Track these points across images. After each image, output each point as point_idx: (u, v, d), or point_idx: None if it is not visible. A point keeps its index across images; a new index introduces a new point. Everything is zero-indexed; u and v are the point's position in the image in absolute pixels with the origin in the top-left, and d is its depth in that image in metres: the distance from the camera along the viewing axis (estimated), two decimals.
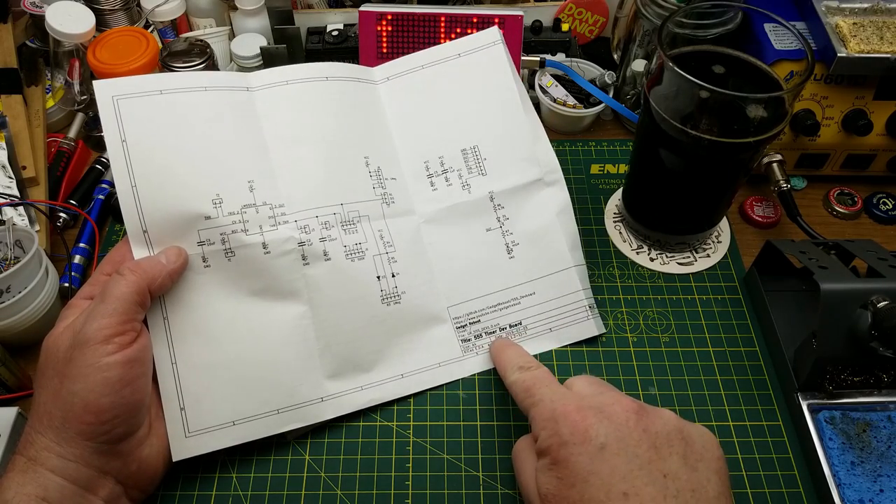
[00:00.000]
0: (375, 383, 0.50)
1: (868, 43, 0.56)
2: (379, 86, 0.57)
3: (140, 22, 0.73)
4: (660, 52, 0.47)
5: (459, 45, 0.57)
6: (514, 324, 0.53)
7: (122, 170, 0.47)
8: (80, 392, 0.39)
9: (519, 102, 0.55)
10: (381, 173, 0.53)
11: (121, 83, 0.48)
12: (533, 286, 0.54)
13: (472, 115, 0.55)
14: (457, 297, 0.53)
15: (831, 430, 0.47)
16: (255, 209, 0.48)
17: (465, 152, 0.55)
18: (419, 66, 0.57)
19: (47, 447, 0.39)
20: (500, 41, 0.56)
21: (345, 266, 0.50)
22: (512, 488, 0.47)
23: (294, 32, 0.68)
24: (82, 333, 0.40)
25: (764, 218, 0.62)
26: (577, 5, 0.73)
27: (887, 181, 0.65)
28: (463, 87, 0.56)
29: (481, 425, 0.50)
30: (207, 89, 0.50)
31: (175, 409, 0.45)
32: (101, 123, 0.47)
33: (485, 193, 0.54)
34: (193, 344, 0.46)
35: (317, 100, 0.53)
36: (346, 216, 0.51)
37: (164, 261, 0.45)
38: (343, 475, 0.47)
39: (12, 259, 0.54)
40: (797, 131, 0.60)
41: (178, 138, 0.48)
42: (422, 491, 0.47)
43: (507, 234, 0.54)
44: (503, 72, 0.55)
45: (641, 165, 0.57)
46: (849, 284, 0.46)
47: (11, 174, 0.60)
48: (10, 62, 0.68)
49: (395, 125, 0.56)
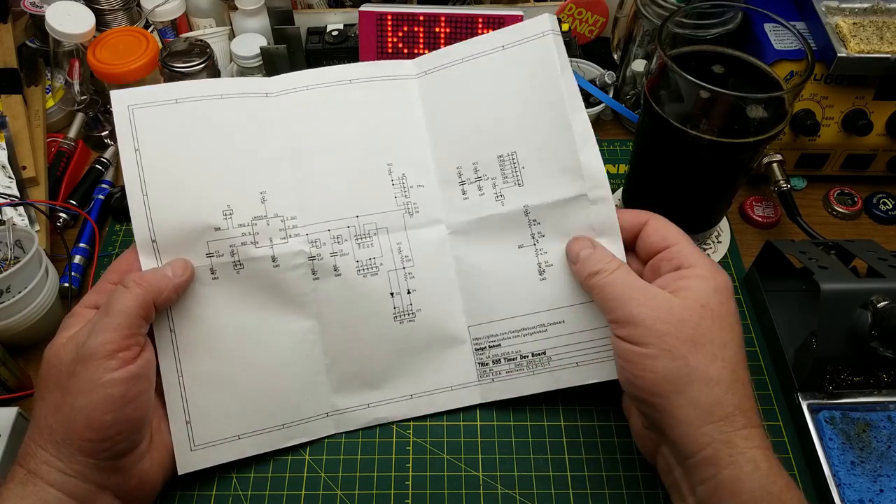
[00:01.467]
0: (384, 402, 0.49)
1: (868, 43, 0.56)
2: (413, 81, 0.52)
3: (140, 22, 0.73)
4: (660, 52, 0.47)
5: (504, 35, 0.50)
6: (537, 352, 0.49)
7: (134, 179, 0.46)
8: (82, 408, 0.39)
9: (566, 104, 0.48)
10: (404, 181, 0.50)
11: (137, 93, 0.48)
12: (563, 314, 0.48)
13: (513, 117, 0.49)
14: (479, 316, 0.50)
15: (831, 430, 0.47)
16: (266, 221, 0.47)
17: (501, 159, 0.49)
18: (458, 60, 0.51)
19: (47, 461, 0.39)
20: (550, 31, 0.49)
21: (356, 282, 0.49)
22: (512, 488, 0.47)
23: (294, 32, 0.68)
24: (86, 347, 0.39)
25: (764, 218, 0.62)
26: (577, 5, 0.73)
27: (887, 181, 0.65)
28: (505, 84, 0.50)
29: (481, 425, 0.50)
30: (223, 97, 0.49)
31: (181, 423, 0.45)
32: (116, 132, 0.47)
33: (519, 207, 0.49)
34: (200, 357, 0.46)
35: (337, 106, 0.51)
36: (362, 229, 0.49)
37: (171, 274, 0.44)
38: (343, 475, 0.47)
39: (12, 259, 0.54)
40: (797, 131, 0.60)
41: (192, 148, 0.47)
42: (422, 491, 0.47)
43: (541, 252, 0.49)
44: (551, 68, 0.48)
45: (641, 165, 0.57)
46: (849, 284, 0.46)
47: (11, 174, 0.60)
48: (10, 62, 0.68)
49: (428, 126, 0.51)
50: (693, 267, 0.42)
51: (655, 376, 0.39)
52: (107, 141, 0.69)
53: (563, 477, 0.47)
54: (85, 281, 0.58)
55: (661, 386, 0.39)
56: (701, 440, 0.38)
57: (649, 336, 0.40)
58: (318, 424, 0.48)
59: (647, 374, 0.39)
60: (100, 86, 0.69)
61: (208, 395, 0.46)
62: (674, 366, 0.39)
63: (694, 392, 0.38)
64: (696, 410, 0.38)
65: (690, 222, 0.58)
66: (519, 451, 0.48)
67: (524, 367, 0.49)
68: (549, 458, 0.48)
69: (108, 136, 0.69)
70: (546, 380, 0.49)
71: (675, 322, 0.40)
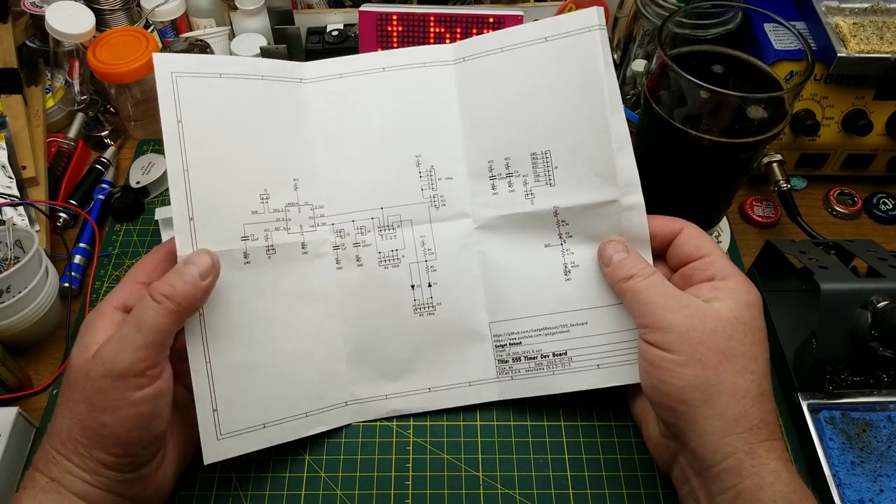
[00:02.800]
0: (401, 394, 0.49)
1: (868, 43, 0.56)
2: (450, 67, 0.50)
3: (140, 22, 0.73)
4: (660, 52, 0.47)
5: (548, 26, 0.48)
6: (558, 353, 0.48)
7: (176, 152, 0.44)
8: (110, 424, 0.38)
9: (606, 105, 0.46)
10: (433, 173, 0.49)
11: (181, 59, 0.46)
12: (586, 315, 0.48)
13: (551, 114, 0.48)
14: (501, 313, 0.49)
15: (831, 430, 0.47)
16: (298, 208, 0.47)
17: (534, 157, 0.48)
18: (498, 48, 0.49)
19: (71, 471, 0.38)
20: (598, 26, 0.47)
21: (377, 273, 0.49)
22: (512, 488, 0.47)
23: (294, 32, 0.68)
24: (115, 364, 0.38)
25: (764, 218, 0.62)
26: (577, 5, 0.73)
27: (887, 181, 0.65)
28: (545, 79, 0.48)
29: (481, 425, 0.50)
30: (265, 78, 0.48)
31: (208, 410, 0.44)
32: (159, 100, 0.44)
33: (549, 207, 0.48)
34: (228, 343, 0.45)
35: (368, 95, 0.50)
36: (386, 220, 0.49)
37: (199, 278, 0.41)
38: (343, 475, 0.47)
39: (12, 259, 0.54)
40: (797, 131, 0.60)
41: (235, 126, 0.46)
42: (422, 491, 0.47)
43: (567, 253, 0.48)
44: (596, 65, 0.46)
45: (641, 165, 0.56)
46: (849, 284, 0.46)
47: (11, 174, 0.60)
48: (10, 62, 0.68)
49: (462, 115, 0.50)
50: (727, 279, 0.42)
51: (684, 384, 0.39)
52: (107, 141, 0.69)
53: (563, 477, 0.47)
54: (85, 281, 0.58)
55: (688, 394, 0.39)
56: (725, 450, 0.38)
57: (680, 343, 0.40)
58: (336, 413, 0.48)
59: (675, 381, 0.39)
60: (100, 86, 0.69)
61: (235, 383, 0.45)
62: (703, 375, 0.39)
63: (721, 403, 0.38)
64: (723, 421, 0.38)
65: (691, 222, 0.58)
66: (519, 451, 0.48)
67: (544, 366, 0.49)
68: (549, 458, 0.48)
69: (107, 136, 0.69)
70: (566, 380, 0.48)
71: (707, 331, 0.39)
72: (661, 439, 0.43)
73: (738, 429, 0.38)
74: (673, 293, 0.42)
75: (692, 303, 0.41)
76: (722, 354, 0.39)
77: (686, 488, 0.41)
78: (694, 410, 0.39)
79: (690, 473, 0.41)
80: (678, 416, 0.39)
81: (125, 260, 0.60)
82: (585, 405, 0.50)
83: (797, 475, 0.38)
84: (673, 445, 0.42)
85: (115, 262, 0.60)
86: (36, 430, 0.49)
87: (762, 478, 0.37)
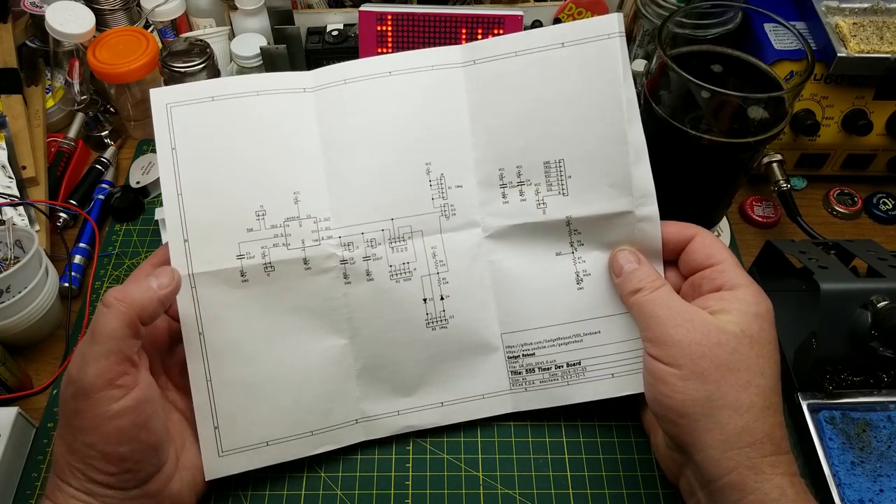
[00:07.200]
0: (414, 409, 0.48)
1: (868, 43, 0.56)
2: (459, 70, 0.48)
3: (140, 22, 0.73)
4: (660, 52, 0.47)
5: (566, 31, 0.46)
6: (572, 362, 0.48)
7: (170, 177, 0.45)
8: (95, 444, 0.37)
9: (624, 114, 0.45)
10: (443, 181, 0.48)
11: (175, 91, 0.47)
12: (600, 324, 0.47)
13: (565, 122, 0.46)
14: (513, 324, 0.48)
15: (831, 430, 0.47)
16: (299, 222, 0.46)
17: (547, 165, 0.47)
18: (511, 53, 0.47)
19: (75, 496, 0.38)
20: (618, 34, 0.45)
21: (388, 287, 0.47)
22: (512, 488, 0.47)
23: (294, 32, 0.68)
24: (80, 382, 0.37)
25: (764, 218, 0.62)
26: (577, 5, 0.73)
27: (887, 181, 0.65)
28: (561, 85, 0.46)
29: (481, 425, 0.50)
30: (260, 94, 0.47)
31: (209, 428, 0.44)
32: (154, 130, 0.46)
33: (561, 217, 0.47)
34: (229, 361, 0.45)
35: (375, 101, 0.48)
36: (396, 232, 0.47)
37: (156, 286, 0.41)
38: (343, 475, 0.47)
39: (12, 259, 0.54)
40: (797, 131, 0.60)
41: (228, 146, 0.46)
42: (422, 491, 0.47)
43: (579, 261, 0.47)
44: (614, 73, 0.45)
45: None
46: (849, 284, 0.46)
47: (11, 174, 0.60)
48: (10, 62, 0.68)
49: (472, 121, 0.48)
50: (735, 290, 0.42)
51: (684, 398, 0.39)
52: (107, 141, 0.69)
53: (563, 477, 0.47)
54: (85, 281, 0.58)
55: (689, 408, 0.39)
56: (726, 465, 0.38)
57: (682, 357, 0.39)
58: (346, 431, 0.47)
59: (676, 395, 0.39)
60: (100, 86, 0.69)
61: (237, 400, 0.45)
62: (704, 389, 0.38)
63: (722, 417, 0.38)
64: (723, 435, 0.38)
65: (690, 222, 0.58)
66: (519, 451, 0.48)
67: (558, 377, 0.48)
68: (549, 459, 0.48)
69: (107, 136, 0.69)
70: (580, 390, 0.48)
71: (710, 345, 0.39)
72: (668, 451, 0.43)
73: (740, 443, 0.38)
74: (678, 307, 0.42)
75: (697, 316, 0.41)
76: (725, 368, 0.39)
77: (692, 501, 0.41)
78: (695, 424, 0.38)
79: (696, 486, 0.40)
80: (680, 430, 0.39)
81: (125, 260, 0.60)
82: (585, 405, 0.50)
83: (805, 490, 0.38)
84: (679, 457, 0.42)
85: (115, 262, 0.60)
86: (36, 430, 0.49)
87: (766, 493, 0.37)
